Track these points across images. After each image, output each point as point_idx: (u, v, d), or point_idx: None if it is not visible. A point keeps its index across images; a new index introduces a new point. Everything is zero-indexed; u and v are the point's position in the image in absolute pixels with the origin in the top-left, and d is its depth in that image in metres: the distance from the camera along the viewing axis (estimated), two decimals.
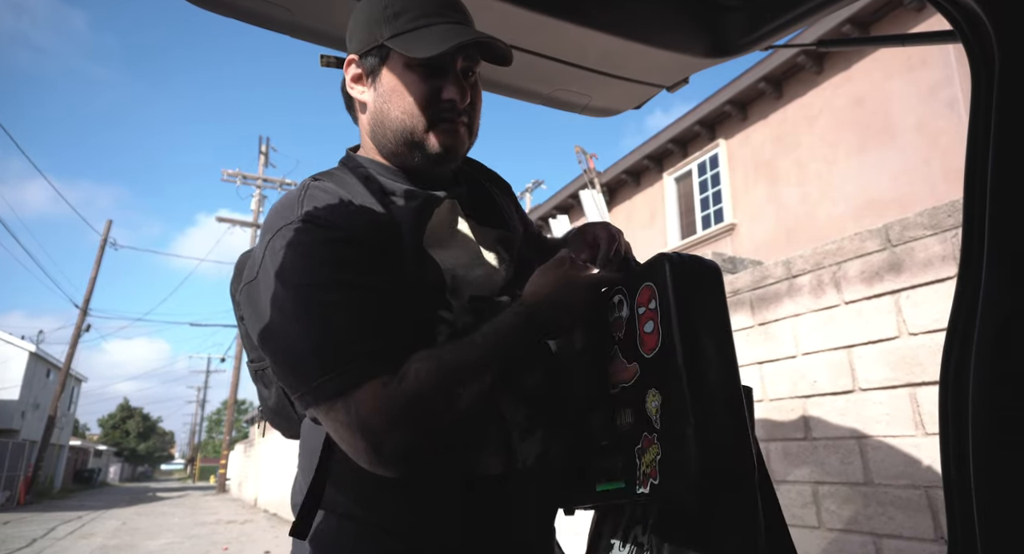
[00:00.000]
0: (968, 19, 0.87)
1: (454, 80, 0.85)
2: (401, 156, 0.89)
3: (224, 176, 24.56)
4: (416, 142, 0.86)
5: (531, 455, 0.85)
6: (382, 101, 0.87)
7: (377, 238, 0.79)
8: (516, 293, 0.88)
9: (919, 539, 1.70)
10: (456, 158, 0.89)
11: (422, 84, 0.84)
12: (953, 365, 0.84)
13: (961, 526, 0.79)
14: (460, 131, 0.87)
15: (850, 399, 1.95)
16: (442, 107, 0.85)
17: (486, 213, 0.98)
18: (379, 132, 0.89)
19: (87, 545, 8.46)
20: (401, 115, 0.85)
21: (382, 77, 0.86)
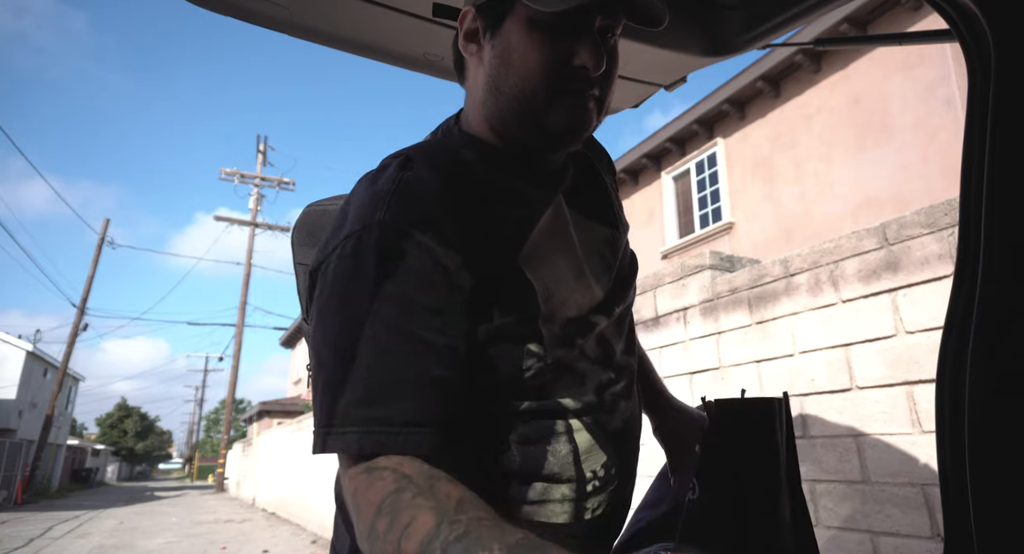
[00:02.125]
0: (964, 18, 0.88)
1: (589, 42, 0.67)
2: (513, 132, 0.73)
3: (222, 175, 24.52)
4: (534, 117, 0.70)
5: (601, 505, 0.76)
6: (499, 64, 0.71)
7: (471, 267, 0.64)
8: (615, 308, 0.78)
9: (916, 537, 1.70)
10: (579, 140, 0.73)
11: (549, 46, 0.67)
12: (950, 363, 0.84)
13: (957, 523, 0.79)
14: (589, 107, 0.70)
15: (847, 397, 1.96)
16: (571, 75, 0.68)
17: (594, 205, 0.82)
18: (491, 101, 0.73)
19: (85, 544, 8.45)
20: (520, 82, 0.69)
21: (502, 34, 0.70)
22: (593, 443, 0.74)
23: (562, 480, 0.72)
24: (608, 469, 0.75)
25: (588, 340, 0.74)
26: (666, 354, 2.75)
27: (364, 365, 0.59)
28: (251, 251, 24.11)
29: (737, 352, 2.39)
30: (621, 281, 0.81)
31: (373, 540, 0.54)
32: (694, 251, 9.22)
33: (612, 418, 0.77)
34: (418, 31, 1.16)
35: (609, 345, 0.78)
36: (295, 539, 8.58)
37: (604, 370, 0.76)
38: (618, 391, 0.78)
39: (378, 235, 0.62)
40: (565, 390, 0.72)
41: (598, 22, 0.68)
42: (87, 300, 21.86)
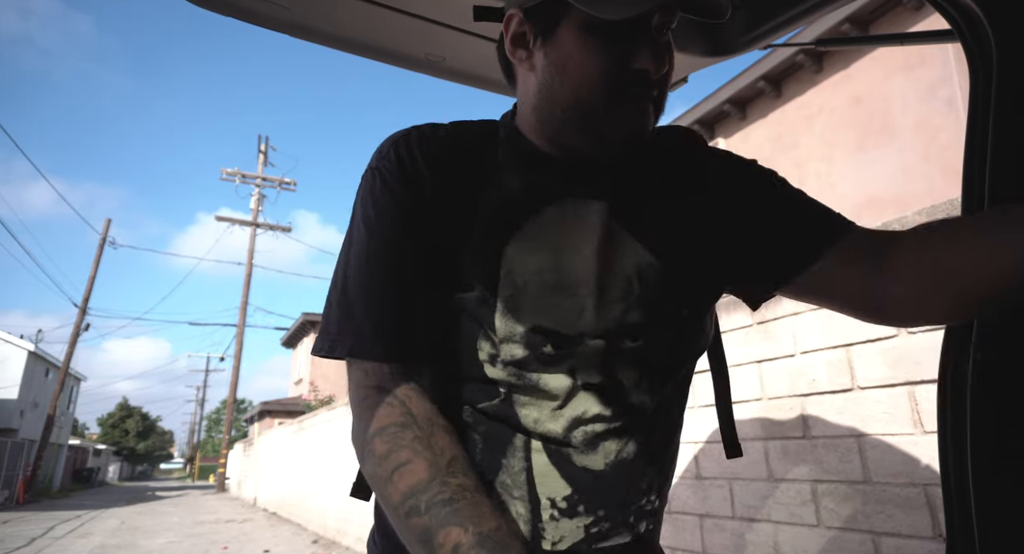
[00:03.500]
0: (966, 18, 0.87)
1: (648, 44, 0.64)
2: (568, 140, 0.71)
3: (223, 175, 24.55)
4: (591, 126, 0.67)
5: (564, 539, 0.69)
6: (553, 71, 0.67)
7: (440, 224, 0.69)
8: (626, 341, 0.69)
9: (918, 537, 1.70)
10: (637, 142, 0.69)
11: (608, 51, 0.64)
12: (951, 363, 0.84)
13: (959, 524, 0.79)
14: (648, 110, 0.67)
15: (849, 398, 1.96)
16: (630, 79, 0.65)
17: (641, 225, 0.72)
18: (545, 109, 0.70)
19: (86, 544, 8.46)
20: (575, 90, 0.66)
21: (555, 40, 0.66)
22: (552, 469, 0.68)
23: (514, 496, 0.68)
24: (573, 503, 0.68)
25: (571, 357, 0.68)
26: None
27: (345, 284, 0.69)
28: (252, 251, 24.13)
29: (738, 352, 2.39)
30: (646, 316, 0.70)
31: (368, 454, 0.62)
32: None
33: (586, 455, 0.68)
34: (419, 32, 1.16)
35: (614, 377, 0.69)
36: (296, 539, 8.58)
37: (597, 402, 0.68)
38: (604, 430, 0.68)
39: (368, 175, 0.71)
40: (532, 406, 0.68)
41: (655, 19, 0.64)
42: (89, 300, 21.89)
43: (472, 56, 1.25)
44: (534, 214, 0.70)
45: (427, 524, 0.56)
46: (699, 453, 2.48)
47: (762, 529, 2.16)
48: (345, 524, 7.80)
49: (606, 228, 0.70)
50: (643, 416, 0.71)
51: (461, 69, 1.30)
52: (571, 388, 0.68)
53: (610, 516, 0.69)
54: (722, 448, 2.36)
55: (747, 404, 2.31)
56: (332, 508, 8.38)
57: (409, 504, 0.57)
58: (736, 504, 2.27)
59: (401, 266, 0.68)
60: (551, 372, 0.68)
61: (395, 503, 0.58)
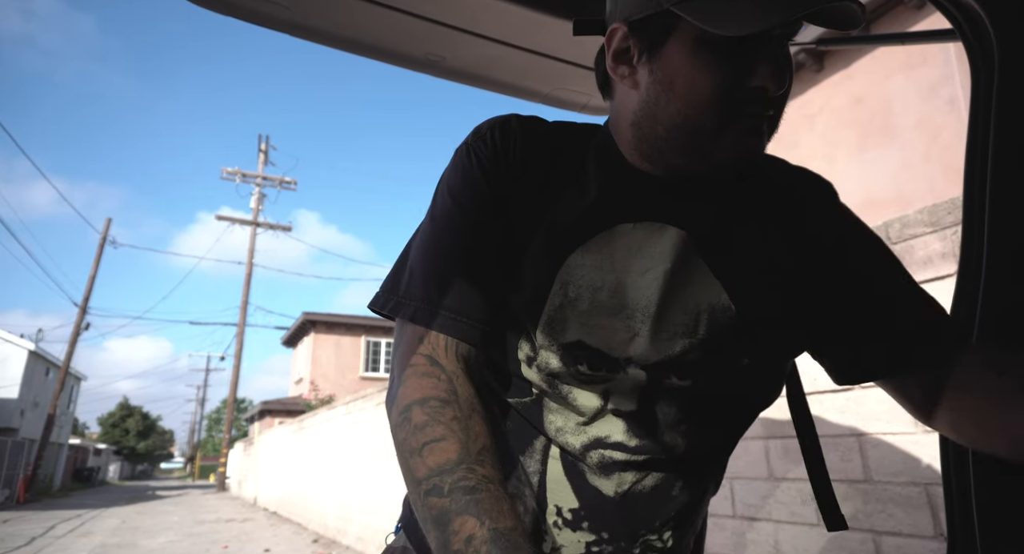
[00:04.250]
0: (968, 18, 0.87)
1: (770, 60, 0.58)
2: (669, 158, 0.66)
3: (224, 174, 24.56)
4: (698, 148, 0.62)
5: (564, 549, 0.68)
6: (660, 89, 0.62)
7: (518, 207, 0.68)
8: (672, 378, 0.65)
9: (918, 536, 1.70)
10: (746, 165, 0.64)
11: (722, 68, 0.59)
12: None
13: (960, 523, 0.79)
14: (762, 129, 0.62)
15: (850, 397, 1.96)
16: (746, 99, 0.59)
17: (723, 261, 0.67)
18: (647, 127, 0.65)
19: (87, 543, 8.47)
20: (683, 109, 0.61)
21: (663, 57, 0.61)
22: (564, 480, 0.67)
23: (525, 495, 0.68)
24: (579, 518, 0.67)
25: (610, 380, 0.65)
26: None
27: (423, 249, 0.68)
28: (252, 250, 24.15)
29: None
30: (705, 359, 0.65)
31: (403, 421, 0.61)
32: None
33: (597, 479, 0.66)
34: (420, 31, 1.17)
35: (651, 409, 0.66)
36: (296, 538, 8.59)
37: (623, 430, 0.66)
38: (623, 460, 0.66)
39: (463, 150, 0.71)
40: (559, 415, 0.67)
41: (779, 31, 0.59)
42: (89, 299, 21.90)
43: (473, 56, 1.25)
44: (606, 229, 0.66)
45: (446, 507, 0.55)
46: None
47: (763, 528, 2.16)
48: (345, 523, 7.81)
49: (682, 256, 0.65)
50: (670, 456, 0.67)
51: (461, 69, 1.30)
52: (600, 409, 0.66)
53: (613, 541, 0.67)
54: None
55: None
56: (332, 507, 8.39)
57: (432, 482, 0.56)
58: (737, 503, 2.27)
59: (479, 244, 0.67)
60: (583, 389, 0.66)
61: (419, 477, 0.58)
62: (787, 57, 0.60)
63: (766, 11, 0.53)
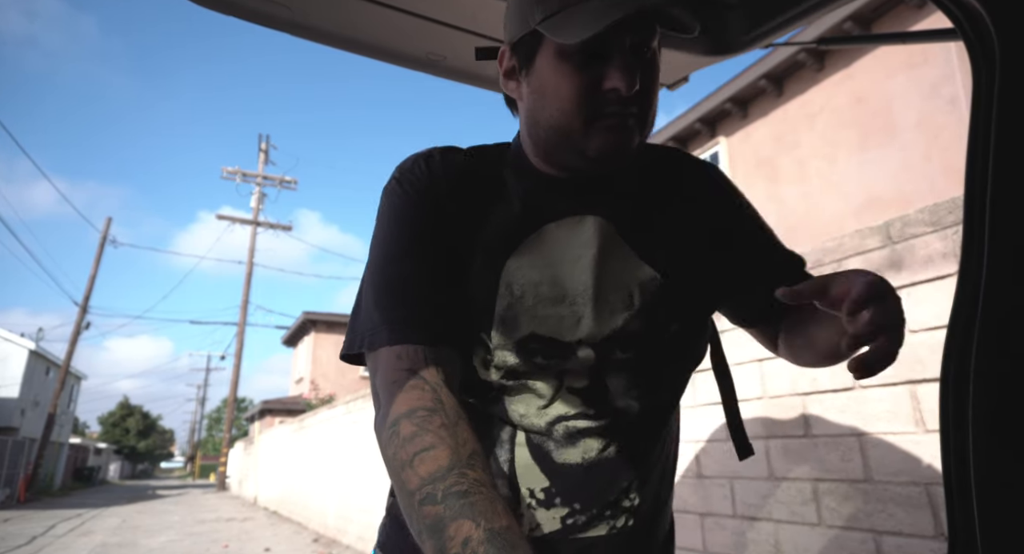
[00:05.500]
0: (969, 17, 0.87)
1: (619, 64, 0.67)
2: (558, 159, 0.75)
3: (224, 173, 24.55)
4: (573, 144, 0.71)
5: (540, 527, 0.74)
6: (535, 98, 0.73)
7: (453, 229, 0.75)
8: (617, 352, 0.74)
9: (919, 536, 1.70)
10: (621, 159, 0.72)
11: (579, 74, 0.68)
12: (954, 362, 0.84)
13: (961, 523, 0.79)
14: (628, 125, 0.70)
15: (850, 396, 1.96)
16: (605, 100, 0.68)
17: (641, 241, 0.77)
18: (534, 132, 0.76)
19: (87, 542, 8.47)
20: (555, 113, 0.70)
21: (534, 69, 0.72)
22: (532, 463, 0.74)
23: (497, 485, 0.70)
24: (550, 495, 0.74)
25: (563, 364, 0.73)
26: None
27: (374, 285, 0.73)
28: (253, 250, 24.14)
29: (739, 351, 2.39)
30: (646, 327, 0.74)
31: (392, 435, 0.62)
32: None
33: (564, 450, 0.74)
34: (421, 31, 1.16)
35: (601, 382, 0.74)
36: (296, 538, 8.59)
37: (581, 404, 0.74)
38: (586, 427, 0.74)
39: (392, 186, 0.77)
40: (521, 403, 0.74)
41: (629, 41, 0.67)
42: (89, 299, 21.91)
43: (473, 55, 1.25)
44: (534, 231, 0.75)
45: (441, 514, 0.56)
46: (700, 452, 2.48)
47: (763, 528, 2.16)
48: (345, 523, 7.81)
49: (604, 241, 0.75)
50: (627, 419, 0.75)
51: (462, 68, 1.30)
52: (557, 389, 0.74)
53: (586, 510, 0.74)
54: (723, 447, 2.37)
55: (748, 403, 2.31)
56: (332, 507, 8.39)
57: (426, 491, 0.58)
58: (737, 503, 2.27)
59: (425, 265, 0.72)
60: (539, 376, 0.73)
61: (411, 489, 0.59)
62: (645, 63, 0.69)
63: (593, 23, 0.62)
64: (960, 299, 0.85)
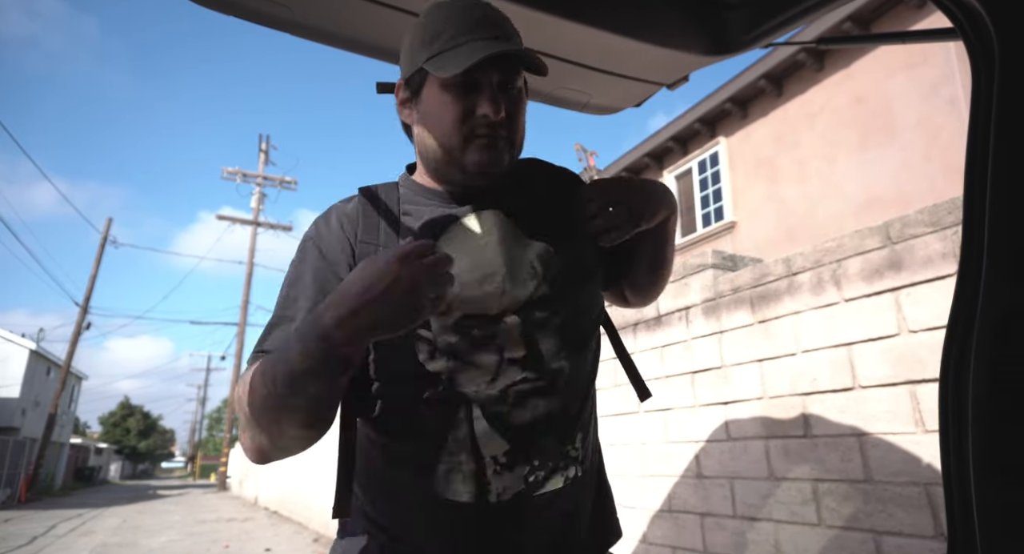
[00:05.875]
0: (968, 16, 0.87)
1: (487, 95, 0.84)
2: (445, 174, 0.92)
3: (224, 174, 24.55)
4: (454, 160, 0.87)
5: (507, 489, 0.83)
6: (423, 124, 0.89)
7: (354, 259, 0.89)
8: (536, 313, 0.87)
9: (919, 536, 1.70)
10: (494, 172, 0.88)
11: (456, 103, 0.84)
12: (953, 362, 0.84)
13: (961, 523, 0.79)
14: (498, 145, 0.86)
15: (850, 396, 1.96)
16: (477, 123, 0.85)
17: (532, 224, 0.93)
18: (423, 153, 0.92)
19: (88, 542, 8.48)
20: (438, 136, 0.87)
21: (422, 100, 0.89)
22: (491, 432, 0.83)
23: (462, 460, 0.83)
24: (513, 457, 0.83)
25: (496, 336, 0.84)
26: (668, 353, 2.75)
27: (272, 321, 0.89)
28: (253, 250, 24.15)
29: (739, 351, 2.39)
30: (552, 290, 0.88)
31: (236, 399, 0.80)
32: (696, 250, 9.21)
33: (518, 413, 0.84)
34: None
35: (535, 349, 0.85)
36: (297, 538, 8.59)
37: (521, 369, 0.84)
38: (530, 389, 0.84)
39: (301, 245, 0.93)
40: (470, 382, 0.84)
41: (496, 78, 0.84)
42: (90, 299, 21.92)
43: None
44: (442, 234, 0.89)
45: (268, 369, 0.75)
46: (700, 452, 2.48)
47: (763, 528, 2.16)
48: None
49: (500, 229, 0.89)
50: (562, 379, 0.87)
51: None
52: (499, 362, 0.84)
53: (544, 465, 0.85)
54: (724, 447, 2.37)
55: (748, 403, 2.31)
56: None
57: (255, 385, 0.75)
58: (737, 503, 2.27)
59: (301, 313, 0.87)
60: (481, 352, 0.84)
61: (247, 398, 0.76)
62: (511, 96, 0.86)
63: (464, 61, 0.79)
64: (960, 299, 0.85)
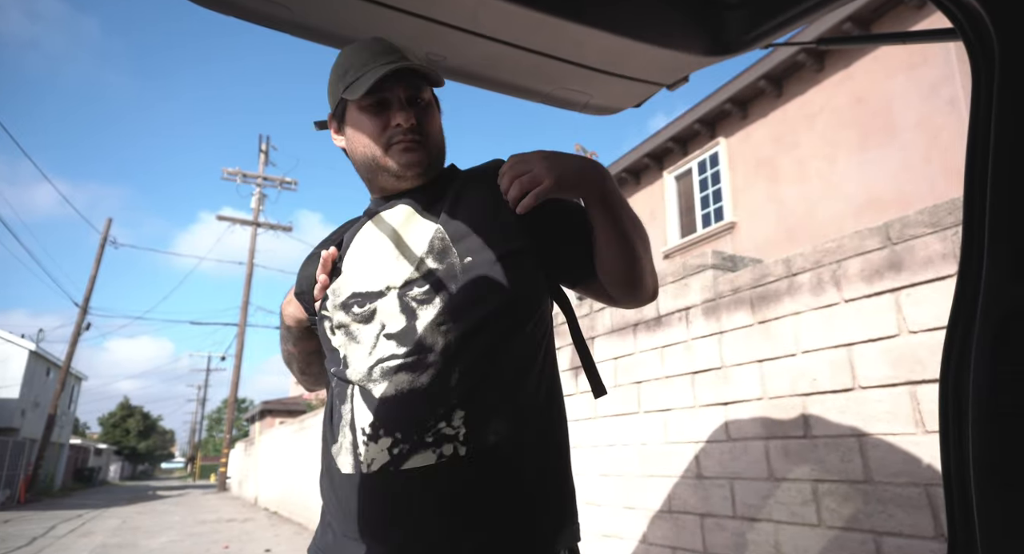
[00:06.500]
0: (968, 17, 0.87)
1: (398, 108, 0.99)
2: (376, 182, 1.05)
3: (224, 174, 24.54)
4: (379, 166, 1.01)
5: (375, 461, 0.87)
6: (351, 144, 1.04)
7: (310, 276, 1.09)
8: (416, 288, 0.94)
9: (919, 537, 1.70)
10: (417, 170, 1.01)
11: (373, 120, 1.00)
12: (953, 363, 0.84)
13: (961, 524, 0.79)
14: (414, 147, 1.00)
15: (850, 397, 1.96)
16: (393, 133, 0.99)
17: (426, 213, 1.03)
18: (358, 169, 1.07)
19: (88, 543, 8.47)
20: (363, 149, 1.02)
21: (347, 125, 1.04)
22: (362, 404, 0.91)
23: (345, 434, 0.92)
24: (376, 428, 0.88)
25: (376, 312, 0.94)
26: (668, 354, 2.75)
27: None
28: (253, 251, 24.14)
29: (739, 352, 2.39)
30: (435, 265, 0.94)
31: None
32: (696, 251, 9.20)
33: (380, 386, 0.90)
34: (420, 31, 1.16)
35: (413, 322, 0.91)
36: (297, 538, 8.59)
37: (395, 345, 0.91)
38: (398, 364, 0.90)
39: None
40: (355, 358, 0.94)
41: (403, 94, 0.99)
42: (90, 299, 21.90)
43: (473, 55, 1.25)
44: (358, 229, 1.05)
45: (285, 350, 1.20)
46: (700, 452, 2.48)
47: (763, 529, 2.16)
48: None
49: (406, 217, 1.01)
50: (434, 352, 0.89)
51: (462, 68, 1.30)
52: (376, 337, 0.93)
53: (407, 437, 0.86)
54: (724, 447, 2.37)
55: (748, 403, 2.31)
56: None
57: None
58: (737, 503, 2.27)
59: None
60: (366, 327, 0.94)
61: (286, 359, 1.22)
62: (420, 107, 1.01)
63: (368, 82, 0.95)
64: (960, 299, 0.85)
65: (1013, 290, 0.78)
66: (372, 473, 0.87)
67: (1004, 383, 0.78)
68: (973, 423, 0.79)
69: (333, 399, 0.98)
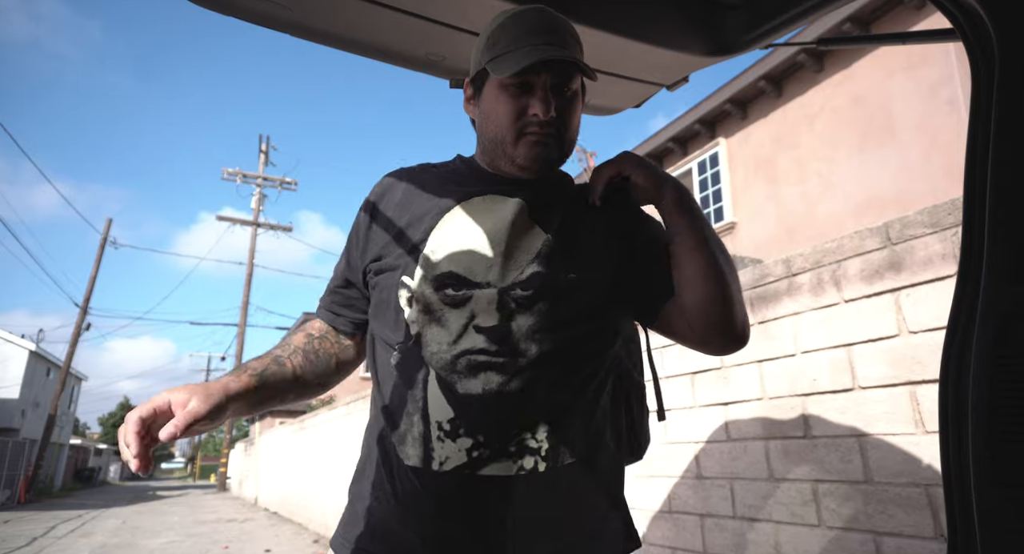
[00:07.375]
0: (968, 17, 0.87)
1: (540, 96, 0.91)
2: (495, 160, 0.99)
3: (224, 174, 24.54)
4: (506, 153, 0.96)
5: (449, 460, 0.85)
6: (483, 118, 0.98)
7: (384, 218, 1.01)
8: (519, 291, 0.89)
9: (919, 537, 1.70)
10: (542, 166, 0.95)
11: (511, 101, 0.92)
12: (953, 363, 0.84)
13: (961, 524, 0.79)
14: (547, 142, 0.94)
15: (850, 397, 1.96)
16: (528, 121, 0.92)
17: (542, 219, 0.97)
18: (481, 144, 1.01)
19: (87, 543, 8.47)
20: (494, 130, 0.95)
21: (483, 97, 0.97)
22: (440, 396, 0.87)
23: (414, 422, 0.88)
24: (456, 426, 0.85)
25: (471, 300, 0.88)
26: (667, 354, 2.75)
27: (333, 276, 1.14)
28: (253, 251, 24.13)
29: (739, 352, 2.39)
30: (540, 276, 0.90)
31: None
32: None
33: (466, 381, 0.86)
34: (420, 31, 1.17)
35: (508, 323, 0.88)
36: (297, 538, 8.59)
37: (485, 341, 0.87)
38: (486, 361, 0.86)
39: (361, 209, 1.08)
40: (434, 341, 0.89)
41: (549, 80, 0.91)
42: (90, 300, 21.90)
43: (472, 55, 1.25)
44: (465, 200, 0.97)
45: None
46: (700, 453, 2.48)
47: (763, 529, 2.16)
48: None
49: (519, 214, 0.94)
50: (526, 359, 0.87)
51: (462, 68, 1.30)
52: (464, 327, 0.88)
53: (489, 443, 0.84)
54: (723, 448, 2.37)
55: (748, 404, 2.31)
56: (333, 507, 8.38)
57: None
58: (737, 504, 2.27)
59: (347, 272, 1.07)
60: (452, 310, 0.89)
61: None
62: (564, 98, 0.93)
63: (517, 64, 0.87)
64: (960, 299, 0.85)
65: (1013, 290, 0.78)
66: (445, 472, 0.85)
67: (1004, 383, 0.78)
68: (973, 423, 0.79)
69: (392, 378, 0.92)
